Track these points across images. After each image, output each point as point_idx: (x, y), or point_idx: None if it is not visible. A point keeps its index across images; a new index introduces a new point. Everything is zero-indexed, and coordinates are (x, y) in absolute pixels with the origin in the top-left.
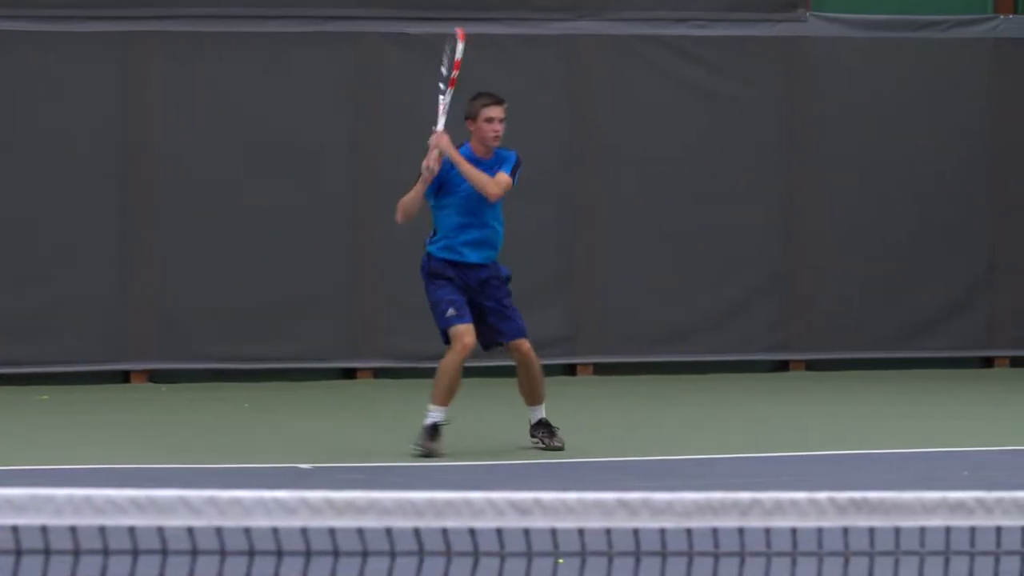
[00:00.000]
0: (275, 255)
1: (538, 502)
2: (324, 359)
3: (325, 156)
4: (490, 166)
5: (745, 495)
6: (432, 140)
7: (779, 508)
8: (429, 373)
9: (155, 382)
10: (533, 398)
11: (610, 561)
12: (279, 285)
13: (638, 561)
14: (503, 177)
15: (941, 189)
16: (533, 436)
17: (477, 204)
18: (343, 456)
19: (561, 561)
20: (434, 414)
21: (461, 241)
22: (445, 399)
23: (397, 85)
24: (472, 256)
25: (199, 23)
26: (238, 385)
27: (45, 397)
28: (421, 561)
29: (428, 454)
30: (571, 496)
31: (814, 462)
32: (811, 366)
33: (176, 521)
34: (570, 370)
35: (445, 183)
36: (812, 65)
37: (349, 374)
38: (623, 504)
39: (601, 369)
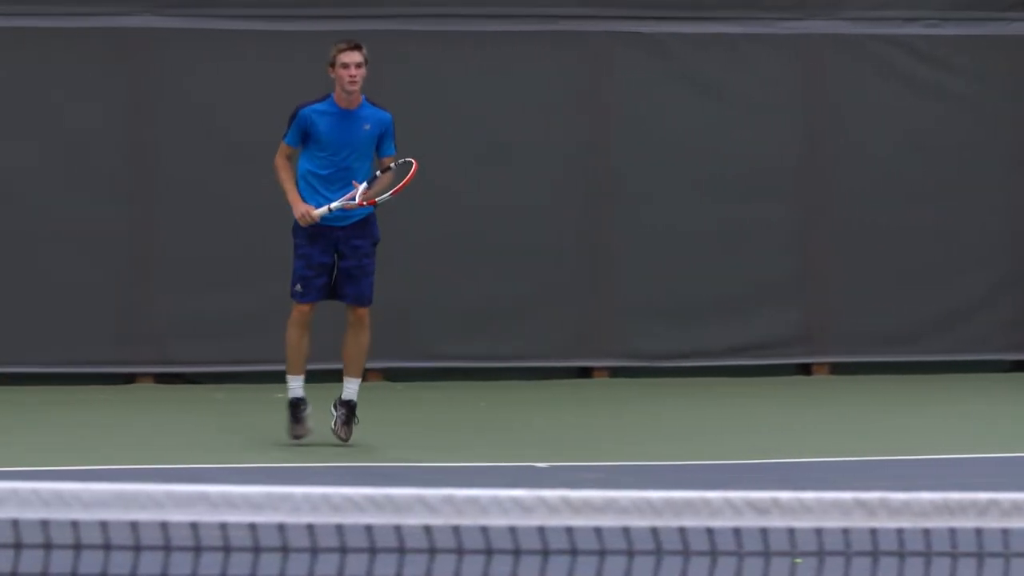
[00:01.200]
0: (510, 254)
1: (776, 502)
2: (560, 358)
3: (558, 156)
4: (361, 121)
5: (982, 495)
6: (313, 213)
7: (1017, 508)
8: (666, 372)
9: (389, 380)
10: (354, 370)
11: (848, 561)
12: (514, 284)
13: (876, 561)
14: (391, 160)
15: None
16: (334, 411)
17: (335, 179)
18: (580, 455)
19: (799, 561)
20: (294, 383)
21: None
22: (298, 367)
23: (626, 85)
24: (334, 223)
25: (426, 22)
26: (473, 384)
27: (281, 395)
28: (659, 560)
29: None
30: (809, 496)
31: None
32: None
33: (413, 519)
34: (805, 370)
35: (307, 139)
36: None
37: (585, 373)
38: (860, 504)
39: (837, 368)
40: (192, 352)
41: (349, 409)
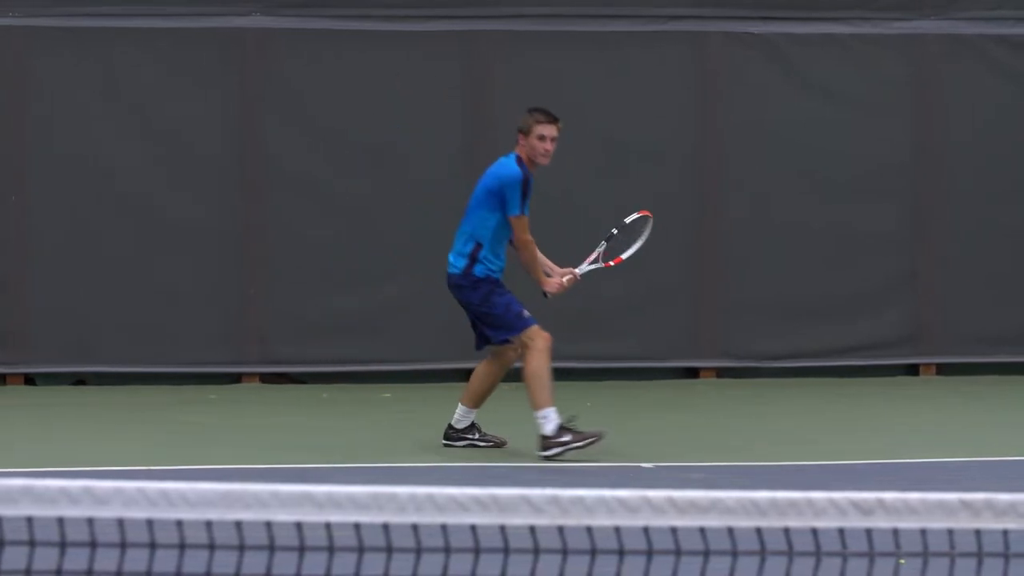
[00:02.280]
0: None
1: (880, 502)
2: (667, 358)
3: (670, 156)
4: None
5: None
6: (566, 282)
7: None
8: (773, 373)
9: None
10: (479, 401)
11: (952, 562)
12: (623, 284)
13: (980, 562)
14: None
15: None
16: (458, 440)
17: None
18: (685, 455)
19: (903, 562)
20: (550, 417)
21: (496, 269)
22: (550, 399)
23: (739, 85)
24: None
25: (541, 22)
26: (581, 384)
27: (387, 395)
28: (763, 560)
29: (590, 440)
30: (913, 496)
31: None
32: None
33: (518, 520)
34: (913, 370)
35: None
36: None
37: (692, 373)
38: (966, 505)
39: (944, 369)
40: (298, 352)
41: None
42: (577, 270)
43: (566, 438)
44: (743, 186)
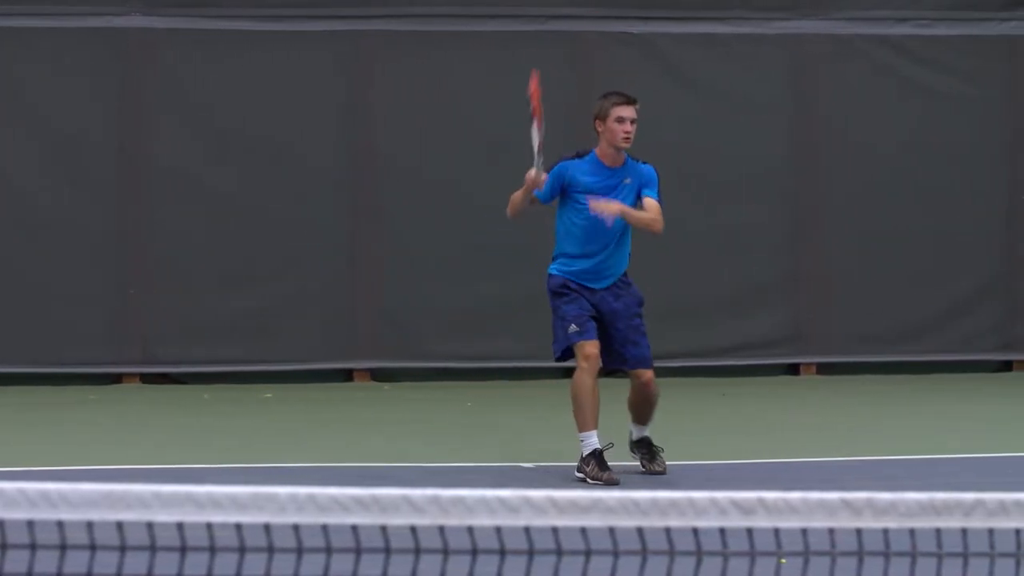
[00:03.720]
0: (497, 254)
1: (761, 502)
2: (548, 358)
3: (547, 157)
4: (622, 178)
5: (968, 496)
6: (529, 178)
7: (1002, 508)
8: (657, 372)
9: (377, 380)
10: (640, 419)
11: (833, 561)
12: (500, 284)
13: (861, 561)
14: (655, 205)
15: None
16: (633, 452)
17: (595, 233)
18: (566, 455)
19: (784, 561)
20: (589, 440)
21: (577, 270)
22: (592, 422)
23: (618, 85)
24: (591, 284)
25: (421, 22)
26: (460, 384)
27: (269, 395)
28: (644, 560)
29: (607, 482)
30: (794, 496)
31: None
32: None
33: (399, 520)
34: (793, 370)
35: (567, 194)
36: None
37: (569, 374)
38: (846, 504)
39: (824, 369)
40: (179, 352)
41: (647, 445)
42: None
43: (588, 468)
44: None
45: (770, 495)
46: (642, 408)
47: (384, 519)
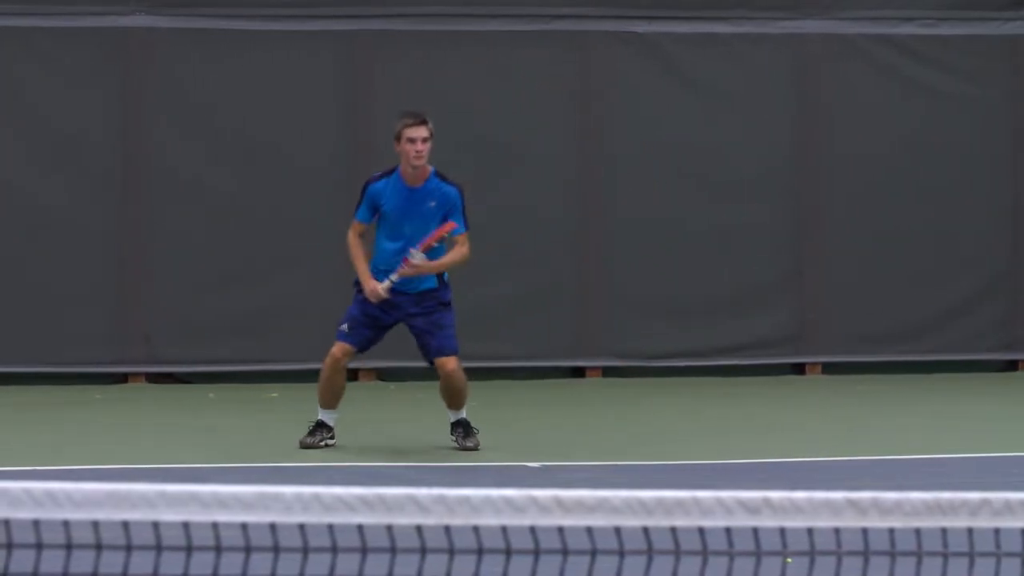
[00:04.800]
0: (505, 254)
1: (767, 501)
2: (553, 358)
3: (549, 156)
4: (427, 202)
5: (974, 495)
6: (379, 289)
7: (1008, 508)
8: (659, 372)
9: (383, 380)
10: (451, 405)
11: (839, 560)
12: (509, 284)
13: (867, 561)
14: (461, 237)
15: None
16: (452, 435)
17: (399, 255)
18: (572, 455)
19: (790, 560)
20: (322, 415)
21: (376, 262)
22: (326, 402)
23: (620, 84)
24: (399, 286)
25: (420, 22)
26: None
27: (275, 395)
28: (650, 560)
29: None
30: (800, 495)
31: None
32: None
33: (404, 519)
34: (798, 369)
35: (379, 213)
36: None
37: (578, 373)
38: (852, 504)
39: (829, 368)
40: (184, 352)
41: (463, 425)
42: (392, 276)
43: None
44: (627, 185)
45: (775, 495)
46: (449, 395)
47: (390, 519)
